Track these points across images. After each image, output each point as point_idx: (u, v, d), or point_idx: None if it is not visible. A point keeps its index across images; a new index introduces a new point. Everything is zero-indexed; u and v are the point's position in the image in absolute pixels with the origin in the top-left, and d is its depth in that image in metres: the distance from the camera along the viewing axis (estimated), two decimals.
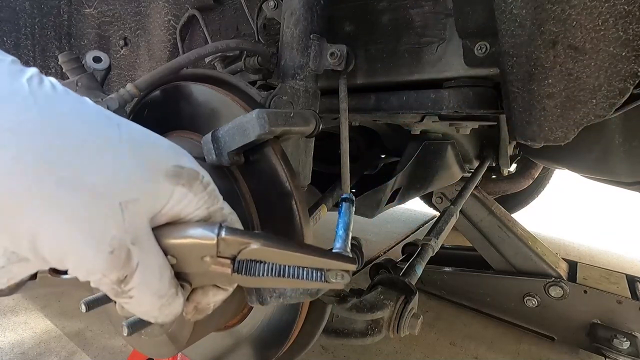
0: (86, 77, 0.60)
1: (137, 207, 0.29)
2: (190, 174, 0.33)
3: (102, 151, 0.28)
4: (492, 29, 0.56)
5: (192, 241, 0.33)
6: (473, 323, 1.48)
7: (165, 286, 0.33)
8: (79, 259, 0.27)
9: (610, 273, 1.40)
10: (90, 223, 0.27)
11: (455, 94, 0.70)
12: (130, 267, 0.29)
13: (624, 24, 0.45)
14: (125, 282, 0.29)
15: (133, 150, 0.30)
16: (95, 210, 0.27)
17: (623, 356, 1.16)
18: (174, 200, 0.32)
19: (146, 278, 0.31)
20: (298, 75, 0.59)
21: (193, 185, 0.33)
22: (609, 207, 3.35)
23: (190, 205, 0.33)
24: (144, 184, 0.30)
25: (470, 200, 1.48)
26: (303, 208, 0.49)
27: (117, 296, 0.31)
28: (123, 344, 1.26)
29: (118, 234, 0.28)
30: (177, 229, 0.33)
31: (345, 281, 0.35)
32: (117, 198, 0.28)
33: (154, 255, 0.32)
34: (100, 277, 0.28)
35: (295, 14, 0.59)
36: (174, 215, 0.33)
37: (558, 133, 0.55)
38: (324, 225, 1.06)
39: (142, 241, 0.30)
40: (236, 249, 0.33)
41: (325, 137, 1.22)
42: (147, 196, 0.30)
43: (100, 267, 0.28)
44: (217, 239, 0.33)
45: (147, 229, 0.31)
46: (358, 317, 0.68)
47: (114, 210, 0.28)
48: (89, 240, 0.27)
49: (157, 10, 0.88)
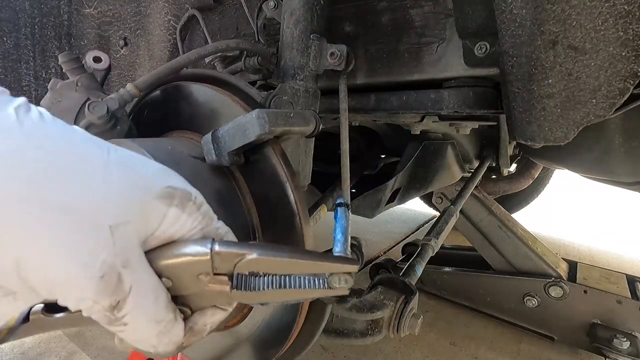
0: (86, 77, 0.60)
1: (128, 230, 0.28)
2: (182, 194, 0.32)
3: (91, 175, 0.27)
4: (492, 29, 0.56)
5: (185, 259, 0.32)
6: (473, 323, 1.48)
7: (161, 310, 0.31)
8: (68, 286, 0.26)
9: (610, 273, 1.40)
10: (79, 247, 0.26)
11: (455, 94, 0.70)
12: (122, 292, 0.28)
13: (624, 24, 0.45)
14: (118, 308, 0.28)
15: (122, 173, 0.29)
16: (83, 234, 0.26)
17: (623, 356, 1.16)
18: (167, 222, 0.31)
19: (140, 302, 0.29)
20: (298, 75, 0.59)
21: (186, 206, 0.32)
22: (609, 207, 3.35)
23: (184, 227, 0.32)
24: (134, 206, 0.29)
25: (470, 200, 1.48)
26: (303, 208, 0.49)
27: (111, 324, 0.29)
28: None
29: (108, 257, 0.27)
30: (170, 249, 0.32)
31: (349, 285, 0.34)
32: (107, 221, 0.27)
33: (147, 278, 0.30)
34: (91, 305, 0.27)
35: (295, 14, 0.59)
36: (167, 238, 0.32)
37: (558, 133, 0.55)
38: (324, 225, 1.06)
39: (133, 264, 0.29)
40: (232, 263, 0.32)
41: (325, 137, 1.22)
42: (138, 218, 0.29)
43: (91, 293, 0.27)
44: (210, 254, 0.32)
45: (139, 252, 0.30)
46: (358, 317, 0.68)
47: (103, 234, 0.27)
48: (78, 265, 0.26)
49: (157, 10, 0.88)
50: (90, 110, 0.50)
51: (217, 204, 0.43)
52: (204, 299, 0.34)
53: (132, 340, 0.32)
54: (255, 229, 0.51)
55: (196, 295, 0.34)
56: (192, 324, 0.35)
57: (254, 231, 0.52)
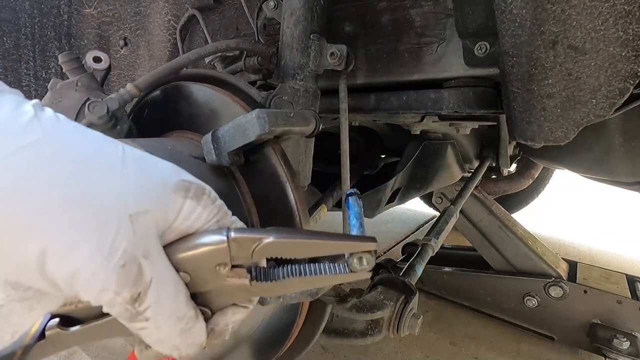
0: (86, 77, 0.60)
1: (148, 220, 0.29)
2: (197, 188, 0.32)
3: (109, 167, 0.28)
4: (492, 29, 0.56)
5: (202, 250, 0.31)
6: (473, 323, 1.48)
7: (182, 305, 0.31)
8: (90, 275, 0.26)
9: (610, 273, 1.40)
10: (100, 237, 0.26)
11: (455, 94, 0.70)
12: (143, 283, 0.28)
13: (624, 24, 0.45)
14: (140, 300, 0.28)
15: (139, 166, 0.30)
16: (104, 223, 0.27)
17: (623, 356, 1.16)
18: (183, 215, 0.31)
19: (161, 295, 0.29)
20: (298, 75, 0.59)
21: (201, 199, 0.32)
22: (609, 207, 3.35)
23: (200, 219, 0.32)
24: (152, 197, 0.29)
25: (470, 200, 1.48)
26: (303, 208, 0.49)
27: (132, 319, 0.29)
28: (123, 344, 1.26)
29: (129, 247, 0.27)
30: (186, 242, 0.32)
31: (370, 266, 0.33)
32: (127, 210, 0.28)
33: (166, 271, 0.30)
34: (112, 296, 0.27)
35: (295, 14, 0.59)
36: (183, 231, 0.32)
37: (558, 133, 0.55)
38: (325, 225, 1.06)
39: (153, 255, 0.29)
40: (249, 249, 0.31)
41: (325, 137, 1.22)
42: (157, 208, 0.29)
43: (112, 283, 0.27)
44: (227, 240, 0.31)
45: (157, 244, 0.30)
46: (358, 317, 0.68)
47: (124, 223, 0.27)
48: (99, 254, 0.26)
49: (157, 10, 0.88)
50: (90, 110, 0.50)
51: None
52: (224, 296, 0.33)
53: (154, 341, 0.31)
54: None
55: (215, 293, 0.33)
56: (213, 325, 0.34)
57: None
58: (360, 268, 0.33)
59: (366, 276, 0.34)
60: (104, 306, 0.28)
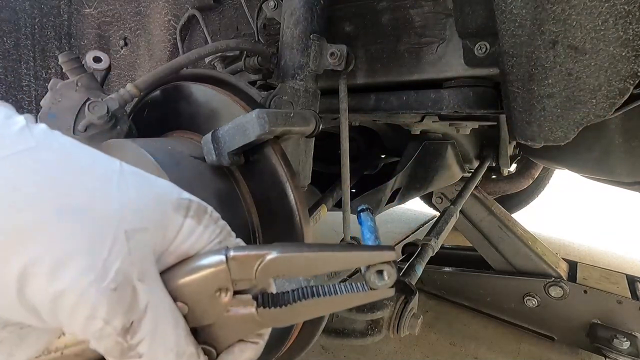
0: (86, 77, 0.60)
1: (145, 238, 0.26)
2: (198, 207, 0.29)
3: (105, 179, 0.26)
4: (492, 29, 0.56)
5: (200, 274, 0.27)
6: (473, 323, 1.48)
7: (182, 339, 0.27)
8: (77, 297, 0.23)
9: (611, 273, 1.40)
10: (92, 253, 0.23)
11: (455, 94, 0.70)
12: (137, 311, 0.24)
13: (624, 24, 0.45)
14: (132, 331, 0.24)
15: (137, 181, 0.28)
16: (97, 238, 0.24)
17: (623, 356, 1.16)
18: (182, 235, 0.28)
19: (158, 326, 0.25)
20: (298, 75, 0.59)
21: (202, 219, 0.29)
22: (609, 207, 3.35)
23: (201, 240, 0.29)
24: (152, 213, 0.27)
25: (470, 200, 1.48)
26: (303, 208, 0.49)
27: (123, 355, 0.25)
28: None
29: (123, 266, 0.24)
30: (183, 266, 0.28)
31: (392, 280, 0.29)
32: (124, 226, 0.25)
33: (164, 298, 0.27)
34: (101, 326, 0.23)
35: (295, 14, 0.59)
36: (182, 254, 0.29)
37: (558, 133, 0.55)
38: (325, 225, 1.06)
39: (149, 279, 0.26)
40: (251, 268, 0.28)
41: (325, 137, 1.22)
42: (154, 227, 0.26)
43: (103, 310, 0.23)
44: (226, 260, 0.28)
45: (154, 267, 0.27)
46: (358, 317, 0.68)
47: (119, 239, 0.24)
48: (90, 273, 0.23)
49: (157, 10, 0.88)
50: (90, 110, 0.50)
51: (217, 204, 0.43)
52: (228, 331, 0.29)
53: None
54: (256, 229, 0.51)
55: (219, 328, 0.29)
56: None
57: (254, 231, 0.52)
58: (380, 284, 0.29)
59: (389, 293, 0.30)
60: (92, 340, 0.24)
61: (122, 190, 0.26)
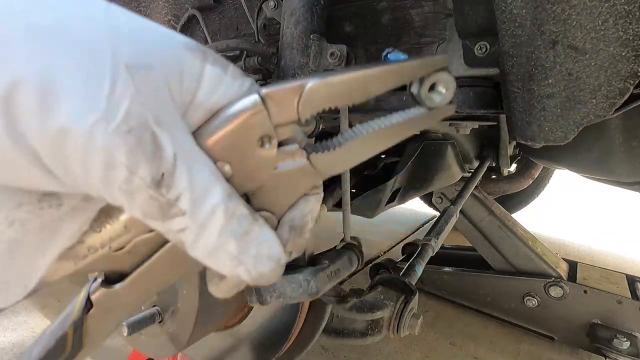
0: None
1: (154, 78, 0.20)
2: (216, 56, 0.24)
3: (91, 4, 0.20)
4: (492, 29, 0.56)
5: (236, 122, 0.23)
6: (473, 323, 1.48)
7: (229, 198, 0.22)
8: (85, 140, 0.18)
9: (611, 273, 1.40)
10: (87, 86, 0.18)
11: (455, 94, 0.70)
12: (165, 160, 0.20)
13: (624, 24, 0.45)
14: (166, 185, 0.20)
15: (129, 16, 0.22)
16: (90, 68, 0.18)
17: (623, 356, 1.16)
18: (206, 85, 0.22)
19: (196, 179, 0.21)
20: (298, 75, 0.60)
21: (227, 68, 0.24)
22: (609, 207, 3.35)
23: (230, 91, 0.23)
24: (156, 48, 0.21)
25: (470, 200, 1.48)
26: None
27: (165, 215, 0.20)
28: (123, 344, 1.26)
29: (133, 107, 0.19)
30: (215, 119, 0.23)
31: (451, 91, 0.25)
32: (121, 59, 0.19)
33: (195, 150, 0.22)
34: (127, 175, 0.19)
35: (295, 14, 0.59)
36: (212, 108, 0.23)
37: (558, 133, 0.55)
38: (325, 225, 1.06)
39: (173, 126, 0.21)
40: (292, 103, 0.23)
41: (325, 137, 1.22)
42: (164, 66, 0.21)
43: (120, 153, 0.18)
44: (260, 97, 0.23)
45: (177, 115, 0.21)
46: (358, 317, 0.68)
47: (121, 74, 0.19)
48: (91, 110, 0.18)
49: (157, 10, 0.88)
50: None
51: None
52: (283, 191, 0.25)
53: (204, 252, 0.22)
54: None
55: (271, 190, 0.25)
56: (289, 222, 0.26)
57: None
58: (439, 100, 0.25)
59: (450, 110, 0.26)
60: (124, 202, 0.20)
61: (113, 17, 0.20)
